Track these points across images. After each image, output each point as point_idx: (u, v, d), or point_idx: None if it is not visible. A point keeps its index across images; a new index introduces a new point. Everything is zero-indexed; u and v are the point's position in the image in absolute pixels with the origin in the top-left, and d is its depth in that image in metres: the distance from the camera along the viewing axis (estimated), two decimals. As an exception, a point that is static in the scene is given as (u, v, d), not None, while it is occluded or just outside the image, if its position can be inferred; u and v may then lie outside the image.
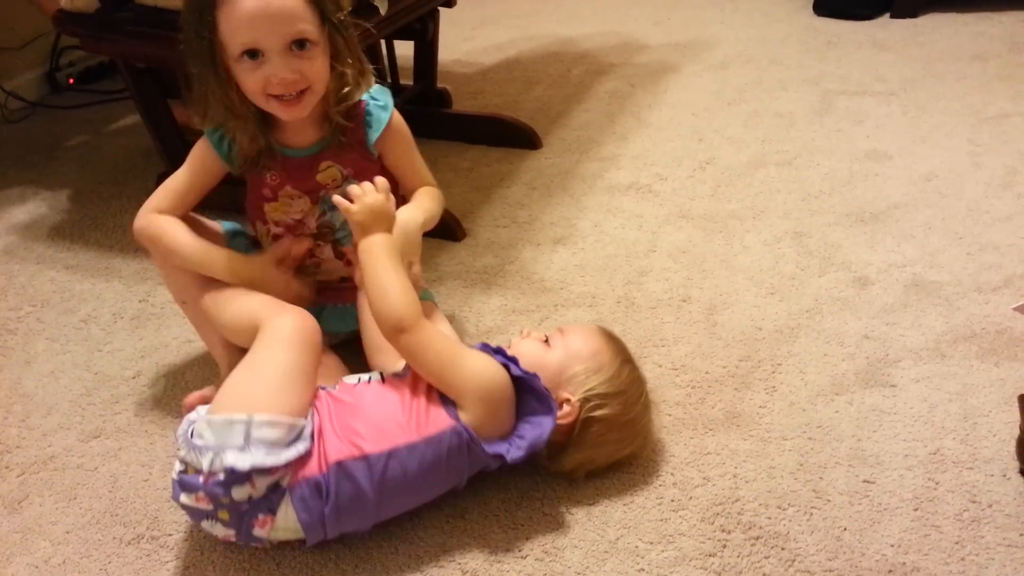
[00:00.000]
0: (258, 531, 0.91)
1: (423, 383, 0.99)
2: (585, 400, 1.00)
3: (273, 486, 0.90)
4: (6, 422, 1.23)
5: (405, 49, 1.99)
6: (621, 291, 1.42)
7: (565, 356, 1.02)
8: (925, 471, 1.04)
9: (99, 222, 1.75)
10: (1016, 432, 1.06)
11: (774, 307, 1.36)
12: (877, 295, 1.36)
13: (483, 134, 1.96)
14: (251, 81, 1.01)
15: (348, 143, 1.14)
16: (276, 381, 0.94)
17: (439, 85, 2.05)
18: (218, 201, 1.23)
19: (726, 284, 1.42)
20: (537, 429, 0.96)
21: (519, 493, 1.05)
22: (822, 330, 1.30)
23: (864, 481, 1.04)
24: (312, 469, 0.91)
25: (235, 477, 0.87)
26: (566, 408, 0.99)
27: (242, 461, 0.87)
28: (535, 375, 0.97)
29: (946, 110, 1.96)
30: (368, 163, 1.16)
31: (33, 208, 1.83)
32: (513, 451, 0.96)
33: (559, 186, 1.77)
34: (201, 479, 0.88)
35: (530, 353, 1.01)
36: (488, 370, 0.97)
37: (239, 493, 0.88)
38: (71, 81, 2.49)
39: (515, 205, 1.71)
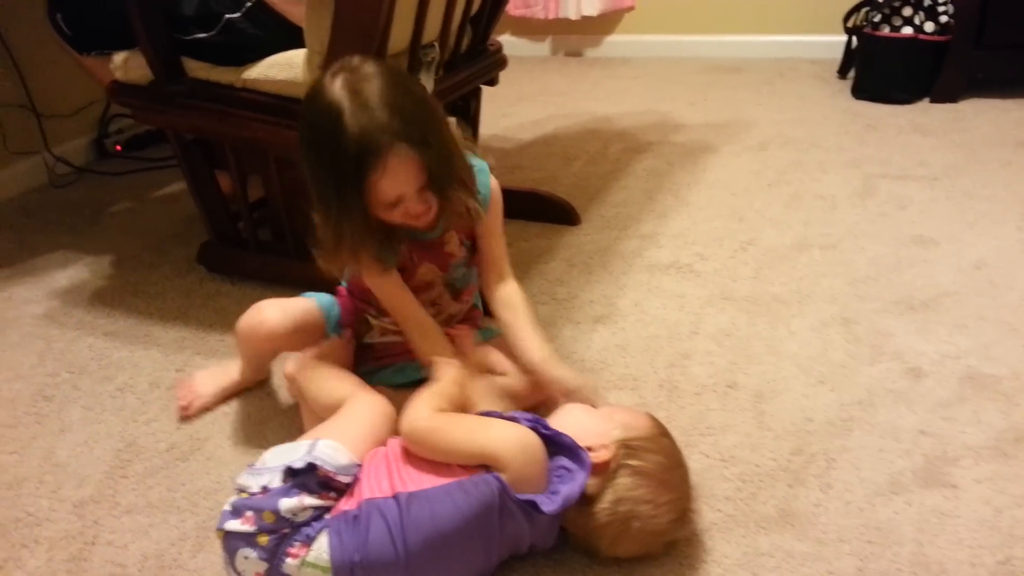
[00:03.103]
0: (290, 562, 0.91)
1: None
2: (621, 446, 1.00)
3: (317, 515, 0.93)
4: (37, 492, 1.20)
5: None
6: (664, 374, 1.39)
7: (607, 421, 1.03)
8: (995, 582, 0.98)
9: (139, 289, 1.75)
10: (1092, 542, 1.00)
11: (825, 397, 1.31)
12: (931, 388, 1.32)
13: (522, 209, 1.96)
14: (391, 217, 1.11)
15: (471, 211, 1.20)
16: (347, 428, 1.03)
17: (479, 160, 2.07)
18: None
19: (773, 371, 1.38)
20: (571, 483, 0.96)
21: (562, 589, 1.00)
22: (876, 424, 1.25)
23: (930, 590, 0.98)
24: (350, 505, 0.95)
25: (286, 489, 0.92)
26: (601, 452, 0.99)
27: (299, 462, 0.94)
28: (562, 433, 0.99)
29: (992, 197, 1.94)
30: (473, 226, 1.25)
31: (75, 273, 1.85)
32: (547, 503, 0.95)
33: (598, 263, 1.76)
34: (255, 494, 0.93)
35: (571, 413, 1.05)
36: (515, 432, 0.99)
37: (287, 505, 0.91)
38: (118, 148, 2.56)
39: (554, 282, 1.69)
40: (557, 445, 0.99)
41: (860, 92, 2.68)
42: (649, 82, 3.08)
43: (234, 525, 0.93)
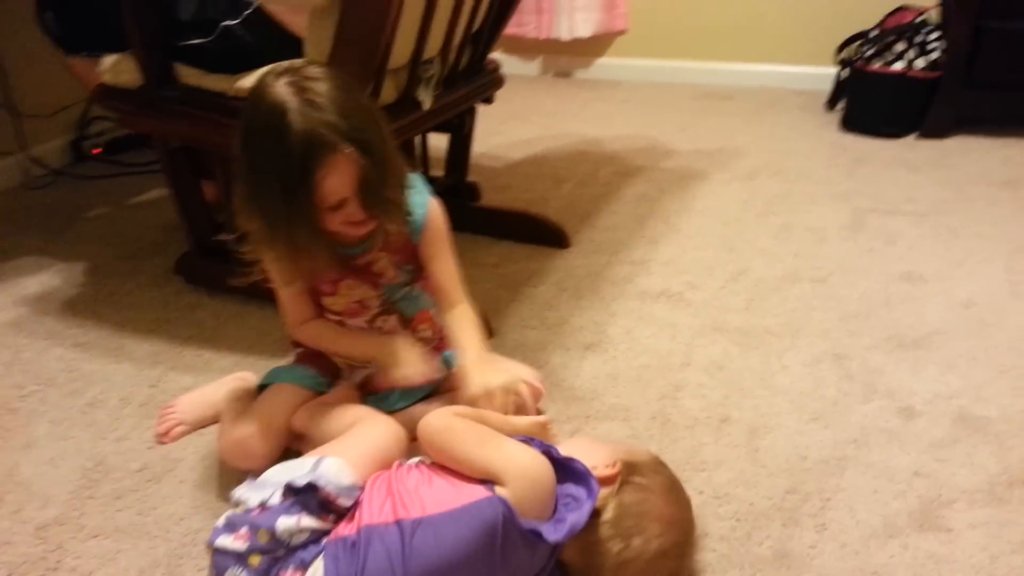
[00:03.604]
0: None
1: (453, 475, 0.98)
2: (625, 465, 0.98)
3: (315, 538, 0.90)
4: (-2, 512, 1.14)
5: (435, 140, 1.98)
6: (656, 406, 1.36)
7: (609, 450, 1.01)
8: (994, 633, 0.96)
9: (114, 299, 1.69)
10: (1091, 594, 0.99)
11: (818, 434, 1.29)
12: (924, 428, 1.30)
13: (511, 230, 1.94)
14: (332, 221, 1.07)
15: (394, 237, 1.17)
16: (355, 447, 1.00)
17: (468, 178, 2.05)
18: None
19: (766, 406, 1.36)
20: (577, 512, 0.93)
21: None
22: (870, 463, 1.23)
23: (928, 641, 0.95)
24: (349, 530, 0.91)
25: (285, 507, 0.90)
26: (607, 469, 0.97)
27: (301, 480, 0.91)
28: (574, 459, 0.96)
29: (980, 235, 1.94)
30: (413, 249, 1.22)
31: (47, 280, 1.78)
32: (552, 532, 0.91)
33: (588, 288, 1.73)
34: (252, 510, 0.91)
35: (583, 443, 1.04)
36: (527, 452, 0.96)
37: (284, 525, 0.88)
38: (96, 151, 2.49)
39: (544, 306, 1.66)
40: (567, 471, 0.96)
41: (849, 125, 2.69)
42: (639, 106, 3.07)
43: (226, 542, 0.89)
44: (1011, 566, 1.05)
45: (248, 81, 1.43)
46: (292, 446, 1.21)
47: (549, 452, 0.97)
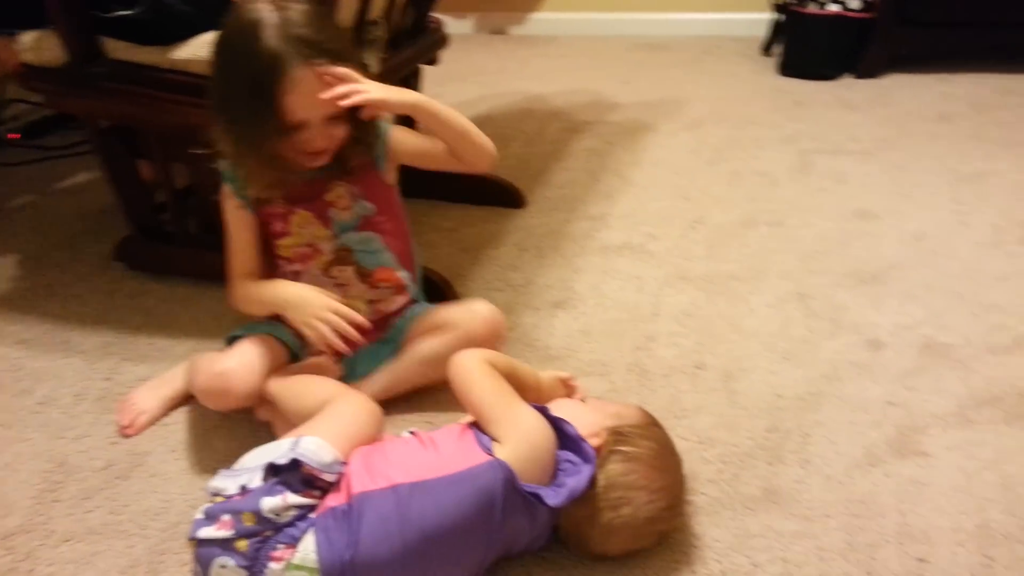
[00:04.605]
0: (273, 567, 0.84)
1: (455, 432, 0.97)
2: (611, 432, 0.97)
3: (301, 514, 0.87)
4: (-45, 524, 1.07)
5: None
6: (631, 358, 1.35)
7: (598, 412, 1.01)
8: (977, 546, 0.99)
9: (54, 291, 1.60)
10: (1065, 503, 1.03)
11: (791, 373, 1.31)
12: (892, 359, 1.33)
13: (466, 193, 1.89)
14: (288, 145, 1.09)
15: (358, 165, 1.19)
16: (332, 426, 0.96)
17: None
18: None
19: (738, 349, 1.37)
20: (576, 476, 0.92)
21: (554, 589, 0.96)
22: (844, 397, 1.25)
23: (918, 560, 0.97)
24: (340, 499, 0.89)
25: (268, 488, 0.87)
26: (592, 440, 0.96)
27: (283, 459, 0.88)
28: (566, 421, 0.96)
29: (924, 169, 1.99)
30: (377, 180, 1.23)
31: (-23, 275, 1.68)
32: (552, 496, 0.91)
33: (550, 247, 1.71)
34: (232, 497, 0.88)
35: (563, 406, 1.02)
36: (534, 417, 0.97)
37: (269, 504, 0.86)
38: (13, 136, 2.34)
39: (507, 267, 1.64)
40: (561, 435, 0.95)
41: (786, 69, 2.71)
42: (578, 60, 3.04)
43: (208, 532, 0.86)
44: (987, 483, 1.08)
45: (184, 52, 1.36)
46: (257, 414, 1.19)
47: (544, 412, 0.96)
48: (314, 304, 1.12)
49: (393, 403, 1.21)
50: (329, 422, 0.97)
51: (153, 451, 1.19)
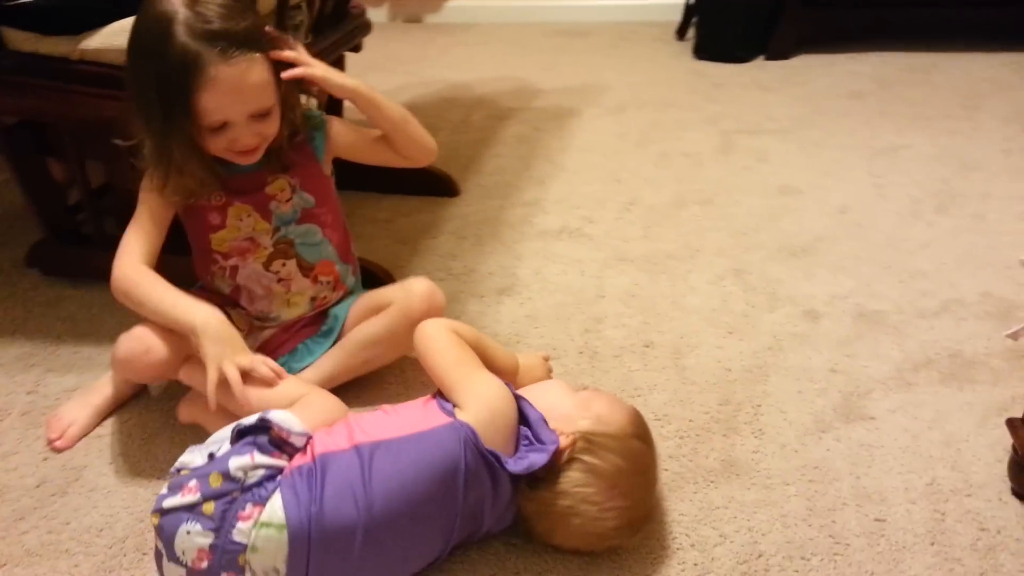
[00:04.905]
0: (241, 526, 0.81)
1: (419, 402, 0.99)
2: (582, 438, 0.93)
3: (270, 474, 0.85)
4: None
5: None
6: (580, 340, 1.36)
7: (582, 407, 0.98)
8: (929, 503, 1.03)
9: (-40, 301, 1.49)
10: (1002, 454, 1.08)
11: (736, 347, 1.33)
12: (830, 328, 1.37)
13: (398, 183, 1.86)
14: (215, 145, 1.04)
15: (295, 157, 1.15)
16: (301, 412, 0.93)
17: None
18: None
19: (683, 326, 1.39)
20: (539, 452, 0.92)
21: (524, 568, 0.95)
22: (789, 367, 1.28)
23: (875, 520, 1.01)
24: (305, 460, 0.88)
25: (237, 448, 0.86)
26: (560, 439, 0.93)
27: (249, 420, 0.88)
28: (531, 405, 0.96)
29: (839, 145, 2.06)
30: (317, 172, 1.20)
31: None
32: (512, 463, 0.91)
33: (488, 234, 1.70)
34: (199, 468, 0.86)
35: (550, 389, 1.02)
36: (494, 384, 0.97)
37: (237, 463, 0.84)
38: None
39: (446, 256, 1.61)
40: (523, 416, 0.95)
41: (701, 52, 2.77)
42: (498, 48, 3.03)
43: (174, 500, 0.83)
44: (931, 441, 1.13)
45: (95, 42, 1.27)
46: (180, 413, 1.16)
47: (508, 388, 0.96)
48: (234, 349, 1.01)
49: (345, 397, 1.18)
50: (299, 410, 0.94)
51: (89, 464, 1.12)
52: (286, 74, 1.05)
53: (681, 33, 2.98)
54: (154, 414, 1.21)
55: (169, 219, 1.13)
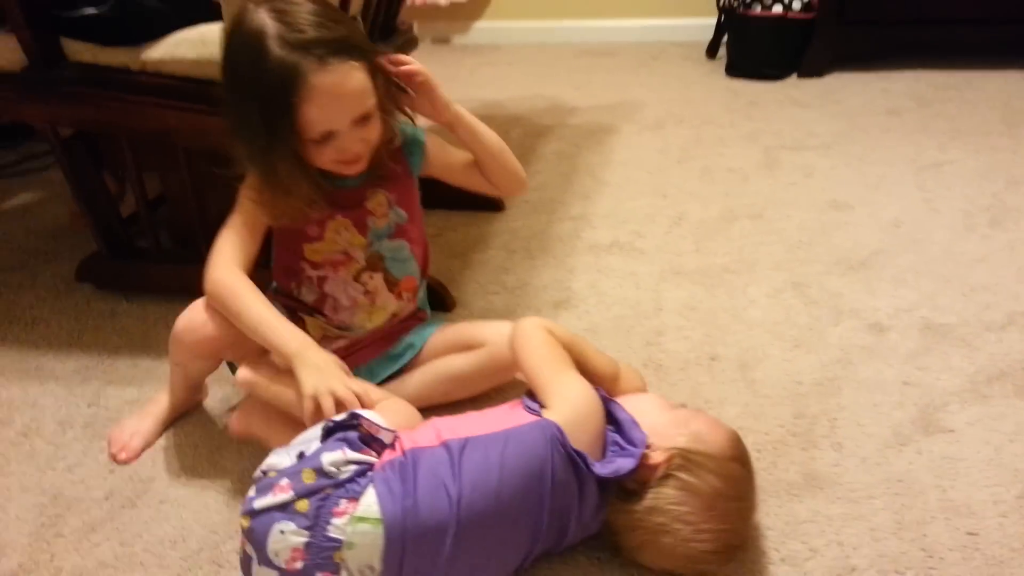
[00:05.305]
0: (336, 522, 0.80)
1: (505, 405, 0.99)
2: (679, 455, 0.91)
3: (362, 470, 0.84)
4: (-59, 573, 0.96)
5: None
6: (644, 353, 1.34)
7: (680, 424, 0.95)
8: (1021, 516, 1.00)
9: (14, 316, 1.48)
10: (1092, 467, 1.06)
11: (804, 360, 1.31)
12: (897, 341, 1.35)
13: (443, 198, 1.83)
14: (321, 157, 1.02)
15: (393, 168, 1.14)
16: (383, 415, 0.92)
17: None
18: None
19: (747, 339, 1.37)
20: (625, 457, 0.91)
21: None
22: (861, 380, 1.26)
23: (967, 534, 0.98)
24: (395, 455, 0.87)
25: (329, 444, 0.85)
26: (656, 454, 0.91)
27: (339, 417, 0.88)
28: (621, 407, 0.95)
29: (883, 161, 2.05)
30: (411, 187, 1.19)
31: (-79, 303, 1.53)
32: (599, 466, 0.89)
33: (538, 248, 1.68)
34: (287, 468, 0.84)
35: (646, 401, 1.01)
36: (583, 386, 0.96)
37: (329, 458, 0.83)
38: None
39: (499, 270, 1.60)
40: (612, 418, 0.94)
41: (733, 70, 2.77)
42: (527, 68, 3.03)
43: (266, 501, 0.82)
44: (1014, 453, 1.10)
45: (157, 52, 1.27)
46: (222, 356, 1.13)
47: (599, 393, 0.96)
48: (330, 376, 0.96)
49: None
50: (380, 413, 0.92)
51: (156, 476, 1.10)
52: (404, 69, 1.05)
53: (712, 52, 2.98)
54: (214, 426, 1.19)
55: (265, 230, 1.10)
